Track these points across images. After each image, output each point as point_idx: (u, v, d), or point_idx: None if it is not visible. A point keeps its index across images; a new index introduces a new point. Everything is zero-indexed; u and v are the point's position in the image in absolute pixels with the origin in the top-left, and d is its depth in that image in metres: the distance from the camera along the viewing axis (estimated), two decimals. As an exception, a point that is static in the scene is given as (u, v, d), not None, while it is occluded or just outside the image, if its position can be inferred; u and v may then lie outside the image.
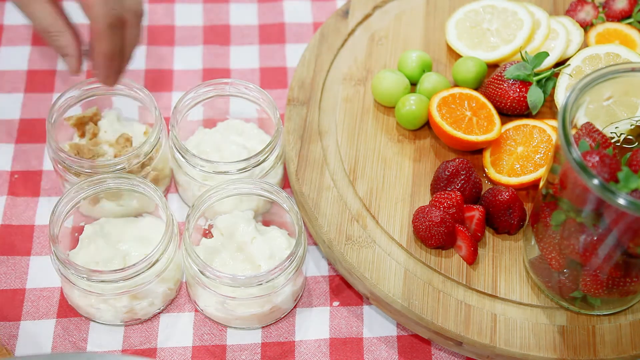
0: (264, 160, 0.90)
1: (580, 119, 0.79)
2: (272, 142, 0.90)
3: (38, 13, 0.76)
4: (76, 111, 0.96)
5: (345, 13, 1.07)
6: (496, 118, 0.95)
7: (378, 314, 0.90)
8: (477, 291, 0.86)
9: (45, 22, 0.76)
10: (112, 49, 0.76)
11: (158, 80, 1.08)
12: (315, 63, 1.02)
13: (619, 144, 0.81)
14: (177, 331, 0.88)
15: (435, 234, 0.86)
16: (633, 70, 0.78)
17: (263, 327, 0.89)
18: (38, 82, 1.07)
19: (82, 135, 0.96)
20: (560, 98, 0.96)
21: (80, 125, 0.96)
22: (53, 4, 0.76)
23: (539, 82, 0.95)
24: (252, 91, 0.94)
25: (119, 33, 0.76)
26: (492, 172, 0.93)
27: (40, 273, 0.92)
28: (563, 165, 0.75)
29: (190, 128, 0.98)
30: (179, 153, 0.90)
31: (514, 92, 0.95)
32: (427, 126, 0.98)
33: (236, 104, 0.98)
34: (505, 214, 0.89)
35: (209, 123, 0.99)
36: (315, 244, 0.95)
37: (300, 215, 0.86)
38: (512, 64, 0.96)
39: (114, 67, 0.78)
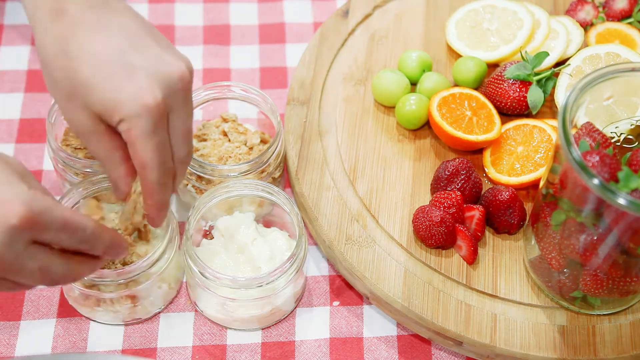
0: (264, 163, 0.90)
1: (581, 118, 0.79)
2: (272, 145, 0.90)
3: (94, 147, 0.74)
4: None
5: (345, 13, 1.07)
6: (496, 118, 0.95)
7: (378, 314, 0.90)
8: (477, 291, 0.86)
9: (102, 156, 0.74)
10: (161, 200, 0.75)
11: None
12: (315, 63, 1.02)
13: (619, 143, 0.81)
14: (177, 331, 0.88)
15: (435, 234, 0.86)
16: (633, 70, 0.78)
17: (263, 327, 0.89)
18: (38, 82, 1.07)
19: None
20: (560, 98, 0.96)
21: None
22: (112, 136, 0.73)
23: (539, 81, 0.95)
24: (252, 94, 0.94)
25: (169, 185, 0.75)
26: (492, 172, 0.93)
27: (40, 273, 0.91)
28: (563, 165, 0.75)
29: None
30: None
31: (514, 92, 0.95)
32: (427, 126, 0.98)
33: (236, 105, 0.98)
34: (506, 213, 0.89)
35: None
36: (315, 244, 0.95)
37: (300, 217, 0.86)
38: (512, 64, 0.96)
39: (165, 210, 0.77)
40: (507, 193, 0.88)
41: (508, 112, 0.97)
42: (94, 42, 0.71)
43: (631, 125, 0.82)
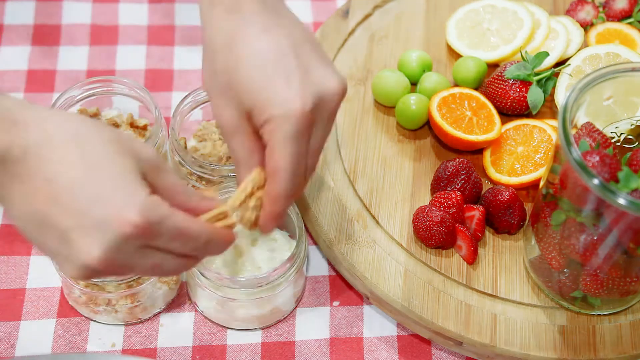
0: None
1: (581, 118, 0.79)
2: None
3: (235, 146, 0.74)
4: (76, 111, 0.96)
5: (345, 13, 1.07)
6: (496, 118, 0.95)
7: (378, 314, 0.90)
8: (477, 291, 0.86)
9: (240, 156, 0.74)
10: (282, 210, 0.74)
11: (158, 80, 1.08)
12: (315, 63, 1.02)
13: (619, 143, 0.81)
14: (177, 331, 0.88)
15: (435, 234, 0.86)
16: (633, 70, 0.78)
17: (263, 327, 0.89)
18: (38, 82, 1.07)
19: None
20: (560, 98, 0.96)
21: None
22: (254, 138, 0.73)
23: (539, 82, 0.95)
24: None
25: (293, 198, 0.75)
26: (492, 172, 0.93)
27: (40, 273, 0.91)
28: (563, 165, 0.75)
29: (190, 129, 0.98)
30: (179, 155, 0.90)
31: (514, 92, 0.95)
32: (427, 126, 0.98)
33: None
34: (506, 213, 0.89)
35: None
36: (315, 243, 0.95)
37: (300, 217, 0.86)
38: (512, 64, 0.96)
39: (281, 220, 0.76)
40: (507, 193, 0.88)
41: (508, 112, 0.97)
42: (261, 40, 0.72)
43: (631, 125, 0.82)
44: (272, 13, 0.74)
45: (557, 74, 0.97)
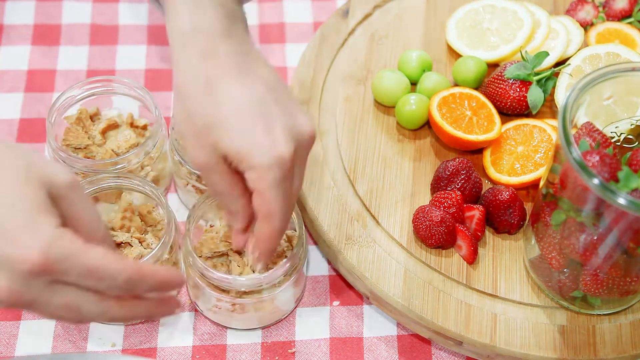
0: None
1: (581, 118, 0.79)
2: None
3: (214, 182, 0.75)
4: (76, 111, 0.96)
5: (345, 13, 1.07)
6: (496, 117, 0.95)
7: (378, 314, 0.90)
8: (477, 291, 0.86)
9: (221, 190, 0.76)
10: (275, 246, 0.78)
11: (158, 80, 1.08)
12: (315, 63, 1.02)
13: (619, 143, 0.81)
14: (177, 331, 0.88)
15: (435, 234, 0.86)
16: (633, 69, 0.78)
17: (263, 327, 0.89)
18: (38, 82, 1.07)
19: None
20: (560, 98, 0.96)
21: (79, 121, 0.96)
22: (231, 172, 0.75)
23: (539, 81, 0.95)
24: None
25: (292, 203, 0.77)
26: (492, 172, 0.93)
27: (40, 273, 0.91)
28: (563, 164, 0.75)
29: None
30: (179, 155, 0.90)
31: (514, 92, 0.95)
32: (427, 126, 0.98)
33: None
34: (505, 213, 0.89)
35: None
36: (315, 243, 0.95)
37: (301, 217, 0.86)
38: (512, 64, 0.96)
39: (269, 260, 0.80)
40: (507, 193, 0.88)
41: (508, 112, 0.97)
42: (239, 86, 0.73)
43: (631, 125, 0.82)
44: (246, 57, 0.75)
45: (557, 74, 0.97)
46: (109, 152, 0.93)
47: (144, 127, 0.96)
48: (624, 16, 1.04)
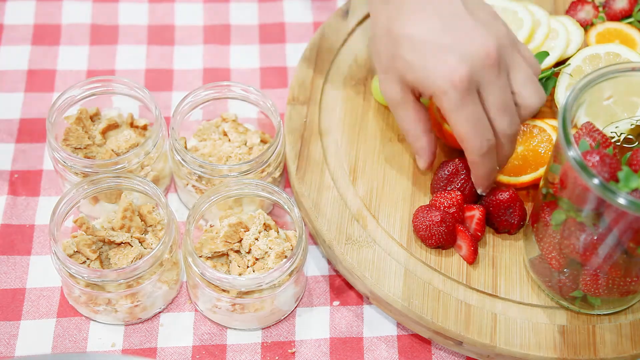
0: (264, 163, 0.90)
1: (581, 118, 0.79)
2: (272, 145, 0.90)
3: (400, 117, 0.87)
4: (76, 111, 0.96)
5: (345, 13, 1.07)
6: (496, 118, 0.95)
7: (378, 314, 0.90)
8: (477, 291, 0.86)
9: (407, 126, 0.87)
10: (485, 171, 0.86)
11: (158, 80, 1.08)
12: (315, 63, 1.02)
13: (619, 143, 0.81)
14: (177, 331, 0.88)
15: (435, 234, 0.86)
16: (633, 69, 0.78)
17: (263, 327, 0.89)
18: (38, 82, 1.07)
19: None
20: (560, 97, 0.96)
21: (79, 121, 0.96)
22: (417, 109, 0.86)
23: (539, 81, 0.95)
24: (252, 94, 0.94)
25: (492, 157, 0.85)
26: (492, 172, 0.93)
27: (40, 273, 0.92)
28: (563, 165, 0.75)
29: (191, 129, 0.98)
30: (179, 155, 0.90)
31: (514, 92, 0.95)
32: (427, 126, 0.98)
33: (236, 105, 0.98)
34: (506, 213, 0.89)
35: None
36: (315, 243, 0.95)
37: (301, 217, 0.86)
38: (512, 64, 0.96)
39: (489, 180, 0.87)
40: (507, 193, 0.88)
41: (508, 112, 0.97)
42: (412, 24, 0.83)
43: (631, 125, 0.82)
44: None
45: (557, 74, 0.97)
46: (109, 152, 0.93)
47: (144, 127, 0.96)
48: (624, 16, 1.04)
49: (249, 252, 0.86)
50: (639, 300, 0.86)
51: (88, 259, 0.86)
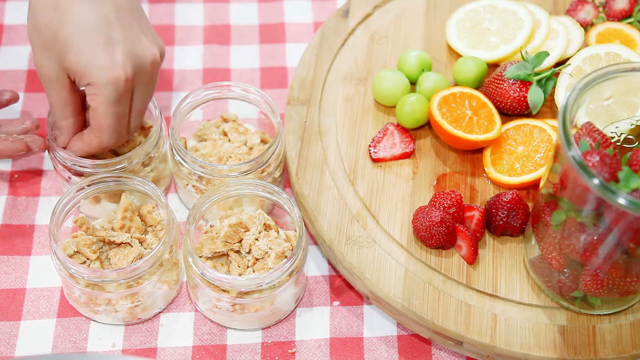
0: (264, 163, 0.90)
1: (581, 118, 0.79)
2: (272, 145, 0.90)
3: (53, 95, 0.84)
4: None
5: (345, 13, 1.07)
6: (496, 117, 0.95)
7: (378, 314, 0.90)
8: (478, 291, 0.86)
9: (57, 105, 0.84)
10: (92, 151, 0.86)
11: (158, 80, 1.08)
12: (315, 63, 1.02)
13: (619, 143, 0.81)
14: (177, 331, 0.88)
15: (435, 234, 0.86)
16: (633, 69, 0.78)
17: (263, 327, 0.89)
18: (38, 82, 1.07)
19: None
20: (560, 98, 0.96)
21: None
22: (72, 90, 0.84)
23: (539, 81, 0.95)
24: (252, 94, 0.94)
25: (124, 123, 0.85)
26: (492, 172, 0.93)
27: (40, 273, 0.92)
28: (563, 165, 0.75)
29: (191, 129, 0.98)
30: (179, 155, 0.90)
31: (514, 92, 0.95)
32: (427, 126, 0.98)
33: (236, 105, 0.98)
34: (508, 216, 0.89)
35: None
36: (315, 243, 0.95)
37: (301, 217, 0.86)
38: (512, 64, 0.96)
39: (85, 153, 0.87)
40: (510, 195, 0.88)
41: (508, 112, 0.97)
42: (86, 7, 0.79)
43: (631, 125, 0.82)
44: None
45: (557, 74, 0.97)
46: (108, 152, 0.93)
47: (145, 128, 0.96)
48: (624, 16, 1.04)
49: (249, 253, 0.86)
50: (639, 301, 0.86)
51: (88, 259, 0.86)
